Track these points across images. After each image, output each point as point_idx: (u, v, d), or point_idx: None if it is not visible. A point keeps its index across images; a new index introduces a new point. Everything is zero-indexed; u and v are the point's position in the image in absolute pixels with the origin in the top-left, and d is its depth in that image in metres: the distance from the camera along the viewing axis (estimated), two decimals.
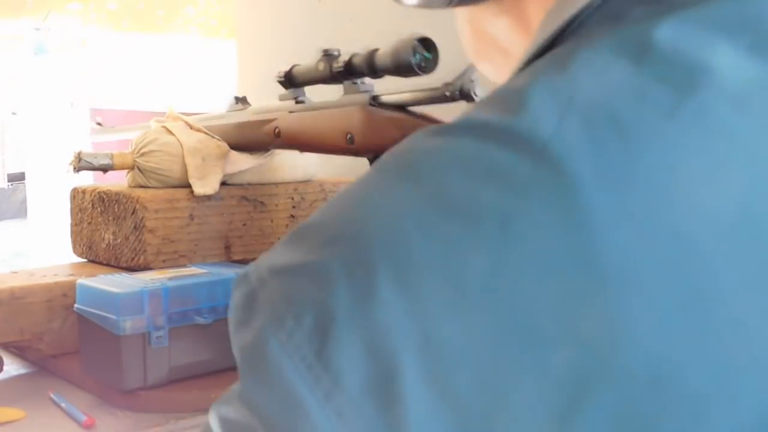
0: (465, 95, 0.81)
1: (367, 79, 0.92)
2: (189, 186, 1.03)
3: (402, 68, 0.85)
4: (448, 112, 0.84)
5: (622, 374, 0.27)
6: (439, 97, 0.83)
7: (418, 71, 0.84)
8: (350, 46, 1.05)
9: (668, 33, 0.32)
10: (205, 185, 1.03)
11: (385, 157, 0.33)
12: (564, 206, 0.28)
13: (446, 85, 0.82)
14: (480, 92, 0.80)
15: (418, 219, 0.29)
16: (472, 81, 0.80)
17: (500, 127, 0.30)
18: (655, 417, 0.27)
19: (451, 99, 0.82)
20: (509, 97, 0.32)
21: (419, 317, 0.28)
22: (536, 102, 0.30)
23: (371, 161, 0.93)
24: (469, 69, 0.80)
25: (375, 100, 0.91)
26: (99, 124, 1.37)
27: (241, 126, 1.07)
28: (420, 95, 0.86)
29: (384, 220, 0.30)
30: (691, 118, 0.30)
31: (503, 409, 0.27)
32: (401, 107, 0.89)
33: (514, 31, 0.44)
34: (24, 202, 5.02)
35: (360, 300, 0.29)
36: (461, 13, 0.49)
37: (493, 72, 0.50)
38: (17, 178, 6.01)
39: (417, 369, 0.28)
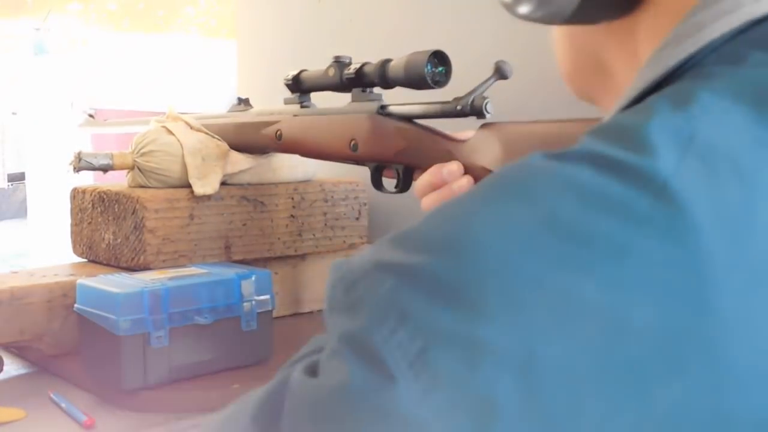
0: (476, 111, 0.79)
1: (377, 88, 0.92)
2: (189, 186, 1.03)
3: (414, 81, 0.84)
4: (457, 126, 0.84)
5: (727, 418, 0.27)
6: (450, 112, 0.82)
7: (432, 84, 0.83)
8: (350, 47, 1.05)
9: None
10: (205, 185, 1.03)
11: (496, 173, 0.33)
12: (681, 244, 0.28)
13: (457, 99, 0.81)
14: (491, 109, 0.79)
15: (529, 237, 0.30)
16: (484, 97, 0.79)
17: (620, 161, 0.30)
18: None
19: (462, 114, 0.81)
20: (628, 131, 0.32)
21: (524, 334, 0.28)
22: (656, 139, 0.30)
23: (372, 171, 0.92)
24: (482, 85, 0.80)
25: (383, 110, 0.90)
26: (91, 116, 1.37)
27: (241, 126, 1.07)
28: (430, 108, 0.84)
29: (494, 235, 0.30)
30: None
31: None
32: (409, 119, 0.88)
33: (621, 56, 0.44)
34: (24, 202, 5.01)
35: (464, 310, 0.29)
36: (563, 28, 0.50)
37: (584, 90, 0.50)
38: (17, 178, 6.00)
39: (515, 386, 0.28)
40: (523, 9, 0.45)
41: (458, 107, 0.80)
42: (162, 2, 5.37)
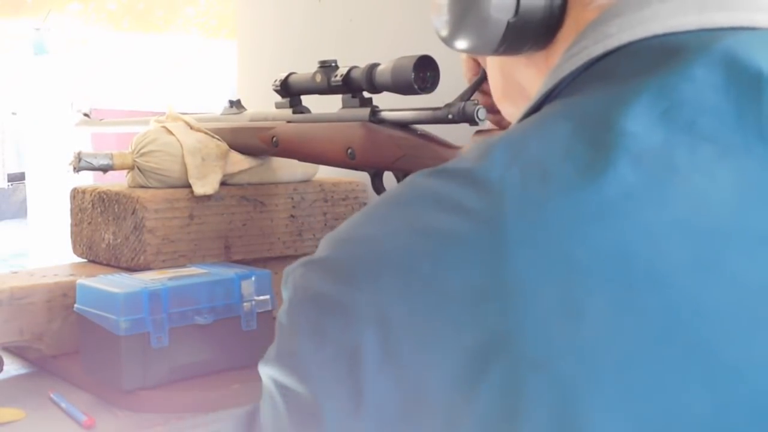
0: (468, 118, 0.78)
1: (366, 93, 0.91)
2: (189, 186, 1.03)
3: (401, 86, 0.84)
4: (449, 132, 0.84)
5: (513, 356, 0.35)
6: (441, 118, 0.81)
7: (418, 90, 0.83)
8: (351, 47, 1.05)
9: (601, 103, 0.41)
10: (205, 185, 1.03)
11: (392, 189, 0.44)
12: (493, 230, 0.37)
13: (448, 106, 0.80)
14: (482, 115, 0.78)
15: (397, 233, 0.40)
16: (475, 104, 0.78)
17: (466, 171, 0.40)
18: (533, 394, 0.34)
19: (453, 121, 0.80)
20: (483, 148, 0.41)
21: (380, 299, 0.39)
22: (496, 154, 0.40)
23: (372, 177, 0.92)
24: (470, 89, 0.78)
25: (375, 116, 0.89)
26: (86, 114, 1.37)
27: (236, 131, 1.07)
28: (422, 115, 0.84)
29: (375, 232, 0.41)
30: (596, 172, 0.37)
31: (427, 368, 0.37)
32: (403, 125, 0.87)
33: (537, 84, 0.51)
34: (24, 202, 5.02)
35: (343, 283, 0.40)
36: (493, 58, 0.58)
37: (514, 114, 0.57)
38: (17, 178, 6.01)
39: (375, 338, 0.38)
40: (456, 43, 0.54)
41: (450, 115, 0.80)
42: (162, 2, 5.37)
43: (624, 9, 0.45)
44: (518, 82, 0.56)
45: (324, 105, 0.98)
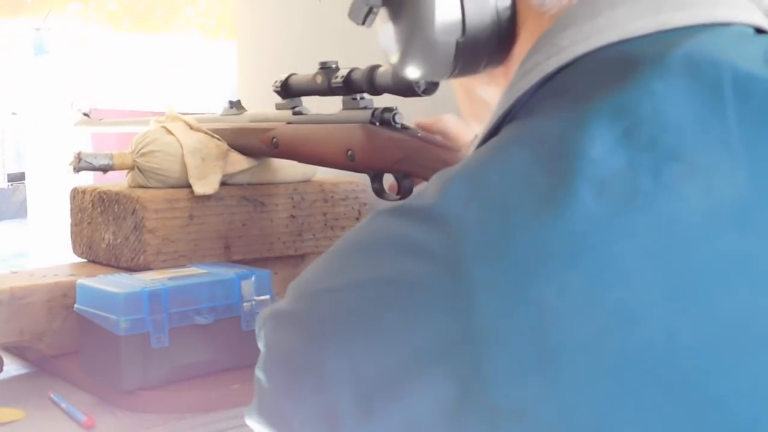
0: (385, 122, 0.80)
1: (367, 94, 0.91)
2: (189, 186, 1.03)
3: (402, 88, 0.84)
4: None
5: (489, 406, 0.34)
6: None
7: (419, 92, 0.83)
8: (351, 47, 1.04)
9: (558, 126, 0.39)
10: (205, 185, 1.03)
11: (354, 231, 0.42)
12: (455, 275, 0.36)
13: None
14: (399, 120, 0.82)
15: (359, 285, 0.39)
16: (390, 109, 0.80)
17: (426, 210, 0.39)
18: None
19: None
20: (443, 181, 0.40)
21: (350, 357, 0.38)
22: (454, 188, 0.38)
23: (372, 178, 0.92)
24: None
25: (375, 117, 0.90)
26: (86, 114, 1.37)
27: (236, 132, 1.07)
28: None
29: (335, 282, 0.40)
30: (558, 203, 0.36)
31: (403, 422, 0.36)
32: (403, 127, 0.87)
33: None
34: (24, 202, 5.01)
35: (311, 342, 0.39)
36: (458, 79, 0.55)
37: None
38: (17, 178, 6.01)
39: (351, 403, 0.37)
40: (408, 71, 0.52)
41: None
42: (162, 2, 5.37)
43: (576, 18, 0.43)
44: (483, 100, 0.54)
45: (324, 106, 0.98)
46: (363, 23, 0.53)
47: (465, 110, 0.58)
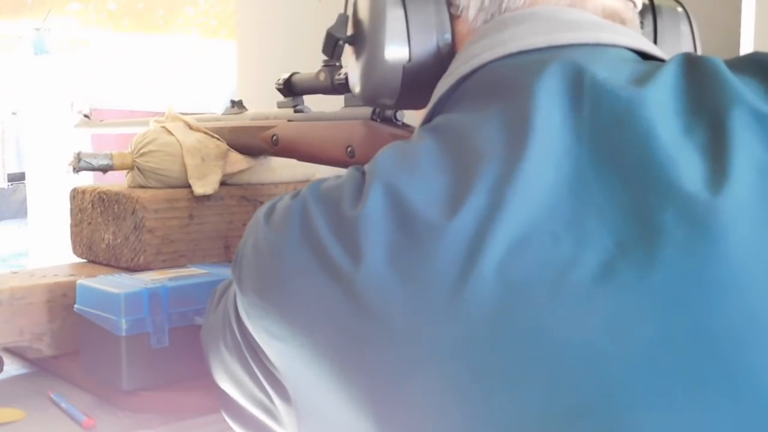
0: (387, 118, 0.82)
1: None
2: (189, 186, 1.03)
3: None
4: None
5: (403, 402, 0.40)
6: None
7: None
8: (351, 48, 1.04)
9: (465, 125, 0.46)
10: (205, 185, 1.03)
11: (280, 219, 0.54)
12: (347, 286, 0.43)
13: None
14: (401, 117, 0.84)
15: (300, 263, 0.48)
16: None
17: (347, 221, 0.45)
18: None
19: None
20: (365, 184, 0.47)
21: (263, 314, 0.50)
22: (374, 199, 0.45)
23: None
24: None
25: (376, 113, 0.90)
26: (86, 115, 1.37)
27: (236, 130, 1.07)
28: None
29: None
30: (458, 204, 0.41)
31: None
32: (404, 124, 0.87)
33: None
34: (24, 202, 5.01)
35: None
36: None
37: None
38: (17, 178, 6.00)
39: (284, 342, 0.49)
40: (367, 101, 0.62)
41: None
42: (162, 2, 5.37)
43: (487, 32, 0.53)
44: None
45: (325, 104, 0.98)
46: (332, 56, 0.65)
47: (420, 116, 0.65)
